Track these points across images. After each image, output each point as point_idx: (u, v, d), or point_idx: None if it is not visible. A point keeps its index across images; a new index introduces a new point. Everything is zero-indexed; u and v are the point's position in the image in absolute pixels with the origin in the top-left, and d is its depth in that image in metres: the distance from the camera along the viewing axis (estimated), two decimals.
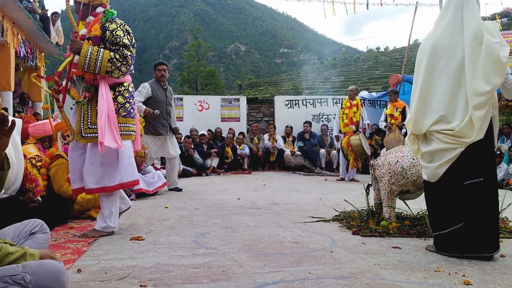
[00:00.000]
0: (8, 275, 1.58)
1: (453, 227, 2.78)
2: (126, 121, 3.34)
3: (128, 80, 3.43)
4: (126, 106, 3.35)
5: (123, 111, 3.33)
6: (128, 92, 3.39)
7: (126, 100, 3.35)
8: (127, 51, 3.25)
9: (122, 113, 3.32)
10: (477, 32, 2.71)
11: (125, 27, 3.33)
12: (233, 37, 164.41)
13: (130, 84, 3.45)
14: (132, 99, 3.44)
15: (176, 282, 2.23)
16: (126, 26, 3.36)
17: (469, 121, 2.69)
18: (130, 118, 3.38)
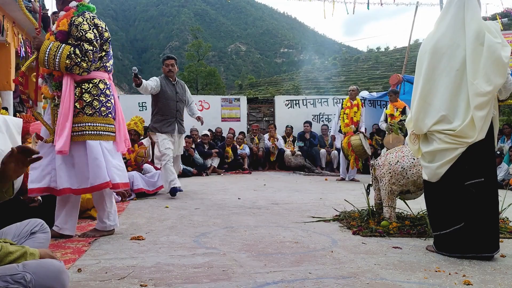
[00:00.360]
0: (9, 274, 1.58)
1: (453, 227, 2.78)
2: (93, 120, 3.14)
3: (99, 77, 3.21)
4: (94, 104, 3.15)
5: (90, 110, 3.13)
6: (98, 89, 3.18)
7: (94, 98, 3.15)
8: (88, 46, 3.04)
9: (87, 111, 3.12)
10: (478, 32, 2.70)
11: (93, 21, 3.13)
12: (234, 37, 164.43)
13: (102, 80, 3.22)
14: (106, 97, 3.23)
15: (176, 282, 2.23)
16: (95, 20, 3.16)
17: (471, 121, 2.69)
18: (101, 117, 3.17)
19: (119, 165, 3.28)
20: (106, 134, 3.21)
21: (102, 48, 3.22)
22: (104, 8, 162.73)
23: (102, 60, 3.24)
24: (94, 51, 3.09)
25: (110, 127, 3.25)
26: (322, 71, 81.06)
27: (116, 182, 3.18)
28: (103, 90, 3.22)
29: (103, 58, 3.24)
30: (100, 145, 3.14)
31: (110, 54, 3.33)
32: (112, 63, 3.39)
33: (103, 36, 3.20)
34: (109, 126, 3.24)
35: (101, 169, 3.08)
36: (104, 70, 3.27)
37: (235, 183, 7.60)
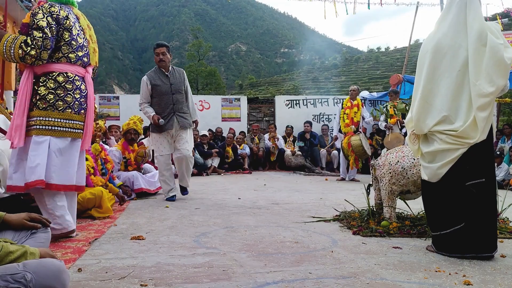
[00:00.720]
0: (9, 273, 1.58)
1: (454, 228, 2.78)
2: (45, 115, 2.98)
3: (58, 69, 3.05)
4: (48, 98, 2.99)
5: (43, 103, 2.98)
6: (55, 83, 3.01)
7: (49, 91, 3.00)
8: (37, 33, 2.88)
9: (40, 105, 2.98)
10: (481, 32, 2.70)
11: (49, 9, 2.97)
12: (234, 37, 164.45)
13: (62, 73, 3.05)
14: (66, 90, 3.04)
15: (176, 282, 2.23)
16: (53, 8, 2.99)
17: (473, 122, 2.68)
18: (55, 112, 3.00)
19: (66, 165, 3.04)
20: (61, 130, 3.03)
21: (62, 38, 3.03)
22: (104, 8, 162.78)
23: (61, 50, 3.04)
24: (44, 38, 2.89)
25: (69, 123, 3.06)
26: (322, 71, 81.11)
27: (52, 182, 2.96)
28: (62, 84, 3.04)
29: (62, 47, 3.04)
30: (50, 141, 2.98)
31: (80, 44, 3.13)
32: (83, 55, 3.16)
33: (61, 24, 3.01)
34: (67, 121, 3.05)
35: (38, 166, 2.90)
36: (66, 62, 3.07)
37: (235, 183, 7.60)
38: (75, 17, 3.18)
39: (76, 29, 3.13)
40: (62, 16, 3.03)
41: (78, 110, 3.11)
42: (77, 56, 3.13)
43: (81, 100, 3.13)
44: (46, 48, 2.92)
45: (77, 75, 3.12)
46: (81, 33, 3.19)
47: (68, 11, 3.11)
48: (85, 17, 3.34)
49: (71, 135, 3.08)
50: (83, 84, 3.17)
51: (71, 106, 3.07)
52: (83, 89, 3.16)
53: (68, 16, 3.07)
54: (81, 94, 3.14)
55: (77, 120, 3.11)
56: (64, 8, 3.09)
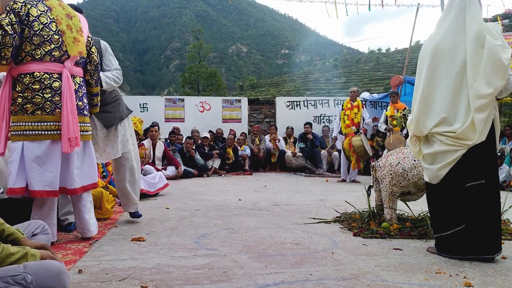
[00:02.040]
0: (10, 275, 1.58)
1: (454, 229, 2.78)
2: (17, 119, 2.87)
3: (25, 70, 2.88)
4: (18, 102, 2.87)
5: (14, 108, 2.89)
6: (22, 85, 2.87)
7: (18, 95, 2.87)
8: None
9: (13, 110, 2.90)
10: (479, 34, 2.70)
11: (12, 6, 2.83)
12: (235, 38, 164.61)
13: (28, 74, 2.87)
14: (33, 92, 2.86)
15: (177, 283, 2.23)
16: (16, 4, 2.84)
17: (471, 124, 2.68)
18: (26, 115, 2.87)
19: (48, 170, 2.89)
20: (34, 133, 2.87)
21: (23, 35, 2.83)
22: (105, 9, 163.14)
23: (23, 48, 2.86)
24: (3, 35, 2.70)
25: (43, 125, 2.88)
26: (323, 72, 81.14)
27: (34, 189, 2.84)
28: (29, 85, 2.86)
29: (23, 45, 2.85)
30: (23, 146, 2.85)
31: (46, 38, 2.89)
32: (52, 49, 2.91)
33: (22, 21, 2.83)
34: (40, 124, 2.88)
35: (10, 174, 2.84)
36: (32, 60, 2.88)
37: (236, 184, 7.60)
38: (45, 9, 2.93)
39: (41, 22, 2.88)
40: (23, 13, 2.83)
41: (52, 110, 2.90)
42: (44, 52, 2.89)
43: (53, 99, 2.90)
44: (6, 45, 2.73)
45: (46, 72, 2.90)
46: (51, 25, 2.92)
47: (34, 3, 2.90)
48: (65, 6, 3.11)
49: (47, 137, 2.89)
50: (57, 81, 2.93)
51: (42, 107, 2.88)
52: (56, 87, 2.91)
53: (30, 10, 2.85)
54: (53, 92, 2.90)
55: (52, 121, 2.91)
56: (29, 3, 2.88)
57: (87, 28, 3.24)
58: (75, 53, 3.03)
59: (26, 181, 2.86)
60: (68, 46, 2.98)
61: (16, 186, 2.83)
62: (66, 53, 2.98)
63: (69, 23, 3.03)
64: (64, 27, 2.99)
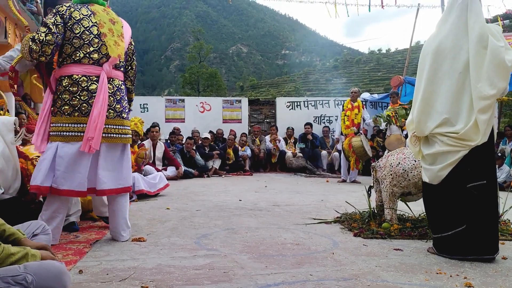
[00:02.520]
0: (10, 275, 1.58)
1: (455, 230, 2.77)
2: (56, 120, 2.98)
3: (65, 73, 2.98)
4: (57, 104, 2.98)
5: (54, 110, 3.00)
6: (62, 87, 2.97)
7: (57, 97, 2.98)
8: (42, 28, 2.85)
9: (53, 111, 3.01)
10: (482, 35, 2.70)
11: (58, 9, 2.96)
12: (235, 38, 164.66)
13: (68, 76, 2.96)
14: (71, 94, 2.95)
15: (177, 284, 2.23)
16: (62, 7, 2.97)
17: (474, 124, 2.68)
18: (63, 117, 2.96)
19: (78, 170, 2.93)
20: (70, 134, 2.95)
21: (64, 37, 2.94)
22: None
23: (64, 50, 2.98)
24: (47, 33, 2.83)
25: (79, 127, 2.95)
26: (323, 73, 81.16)
27: (62, 188, 2.88)
28: (67, 87, 2.96)
29: (65, 47, 2.97)
30: (58, 147, 2.93)
31: (86, 41, 2.98)
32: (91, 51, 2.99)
33: (66, 23, 2.94)
34: (76, 126, 2.95)
35: (39, 172, 2.89)
36: (72, 63, 2.98)
37: (236, 185, 7.60)
38: (88, 13, 3.04)
39: (83, 25, 2.99)
40: (67, 15, 2.96)
41: (87, 112, 2.96)
42: (83, 54, 2.98)
43: (90, 101, 2.97)
44: (49, 42, 2.84)
45: (84, 75, 2.98)
46: (93, 28, 3.02)
47: (77, 8, 3.03)
48: (110, 12, 3.21)
49: (80, 139, 2.94)
50: (95, 84, 2.99)
51: (78, 109, 2.96)
52: (93, 89, 2.98)
53: (73, 13, 2.98)
54: (90, 95, 2.97)
55: (84, 124, 2.97)
56: (73, 6, 3.02)
57: (129, 35, 3.35)
58: (115, 55, 3.10)
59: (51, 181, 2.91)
60: (109, 48, 3.07)
61: (43, 184, 2.88)
62: (105, 56, 3.06)
63: (111, 28, 3.15)
64: (106, 30, 3.10)
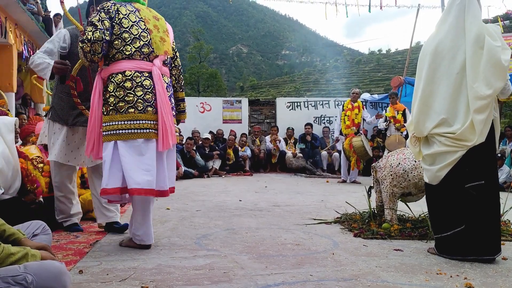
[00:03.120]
0: (10, 275, 1.58)
1: (454, 230, 2.77)
2: (109, 119, 2.86)
3: (116, 69, 2.89)
4: (110, 102, 2.86)
5: (106, 108, 2.89)
6: (114, 84, 2.86)
7: (110, 94, 2.87)
8: (89, 28, 2.80)
9: (105, 110, 2.89)
10: (478, 35, 2.70)
11: (102, 6, 2.90)
12: (235, 39, 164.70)
13: (120, 72, 2.88)
14: (124, 90, 2.85)
15: (177, 284, 2.23)
16: (106, 4, 2.91)
17: (470, 125, 2.68)
18: (118, 114, 2.85)
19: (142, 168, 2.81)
20: (127, 132, 2.83)
21: (113, 32, 2.86)
22: None
23: (114, 46, 2.87)
24: (94, 30, 2.77)
25: (135, 124, 2.84)
26: (323, 73, 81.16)
27: (132, 187, 2.77)
28: (120, 84, 2.85)
29: (115, 42, 2.87)
30: (116, 146, 2.83)
31: (135, 35, 2.90)
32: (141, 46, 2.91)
33: (113, 18, 2.87)
34: (132, 122, 2.84)
35: (104, 173, 2.83)
36: (122, 58, 2.89)
37: (237, 185, 7.60)
38: (133, 9, 2.99)
39: (130, 20, 2.92)
40: (113, 10, 2.89)
41: (143, 108, 2.86)
42: (134, 49, 2.89)
43: (145, 97, 2.87)
44: (97, 39, 2.77)
45: (137, 71, 2.89)
46: (140, 23, 2.95)
47: (122, 4, 2.97)
48: (152, 10, 3.18)
49: (140, 136, 2.84)
50: (148, 79, 2.90)
51: (134, 106, 2.85)
52: (148, 85, 2.89)
53: (119, 9, 2.91)
54: (145, 90, 2.88)
55: (145, 119, 2.86)
56: (118, 4, 2.96)
57: (172, 34, 3.28)
58: (162, 52, 3.02)
59: (121, 181, 2.82)
60: (155, 45, 2.99)
61: (110, 186, 2.80)
62: (153, 51, 2.98)
63: (156, 24, 3.07)
64: (152, 27, 3.03)
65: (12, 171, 3.22)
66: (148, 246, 2.96)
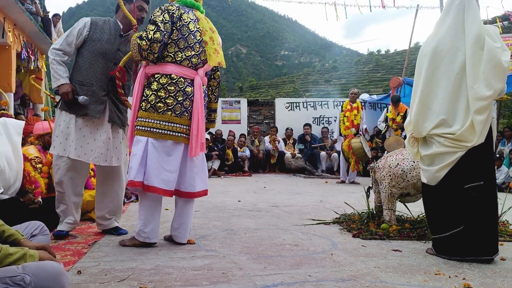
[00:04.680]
0: (8, 276, 1.58)
1: (453, 230, 2.78)
2: (147, 116, 2.96)
3: (163, 71, 2.97)
4: (150, 99, 2.95)
5: (145, 105, 2.97)
6: (158, 84, 2.95)
7: (152, 92, 2.96)
8: (151, 26, 2.88)
9: (143, 106, 2.98)
10: (478, 36, 2.70)
11: (167, 7, 2.98)
12: (234, 39, 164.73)
13: (166, 74, 2.96)
14: (167, 92, 2.94)
15: (176, 284, 2.22)
16: (172, 6, 2.99)
17: (470, 125, 2.69)
18: (155, 114, 2.94)
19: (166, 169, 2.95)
20: (160, 132, 2.94)
21: (171, 36, 2.96)
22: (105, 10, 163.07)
23: (167, 48, 2.97)
24: (156, 30, 2.87)
25: (169, 126, 2.95)
26: (322, 74, 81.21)
27: (150, 184, 2.91)
28: (164, 85, 2.95)
29: (169, 45, 2.97)
30: (148, 142, 2.95)
31: (190, 44, 3.01)
32: (192, 56, 3.02)
33: (174, 22, 2.96)
34: (167, 124, 2.95)
35: (131, 168, 2.93)
36: (172, 62, 2.99)
37: (236, 186, 7.60)
38: (194, 18, 3.09)
39: (189, 29, 3.02)
40: (176, 15, 2.98)
41: (180, 113, 2.98)
42: (184, 56, 3.00)
43: (184, 103, 2.99)
44: (157, 40, 2.87)
45: (182, 77, 3.00)
46: (196, 33, 3.06)
47: (186, 11, 3.06)
48: (209, 21, 3.25)
49: (171, 138, 2.97)
50: (190, 86, 3.01)
51: (172, 109, 2.96)
52: (189, 92, 3.00)
53: (182, 16, 3.00)
54: (185, 96, 2.99)
55: (179, 123, 2.98)
56: (182, 8, 3.05)
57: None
58: (215, 63, 3.13)
59: (143, 176, 2.94)
60: (209, 57, 3.10)
61: (137, 179, 2.92)
62: (202, 62, 3.09)
63: (212, 36, 3.16)
64: (208, 38, 3.13)
65: (14, 172, 3.23)
66: (153, 244, 3.04)
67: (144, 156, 2.95)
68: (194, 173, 3.11)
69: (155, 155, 2.94)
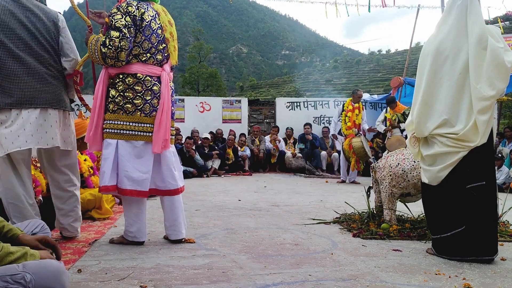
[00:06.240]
0: (9, 274, 1.58)
1: (454, 231, 2.77)
2: (115, 118, 2.91)
3: (129, 71, 2.91)
4: (118, 100, 2.89)
5: (113, 106, 2.91)
6: (124, 84, 2.89)
7: (118, 93, 2.90)
8: (114, 33, 2.78)
9: (111, 108, 2.92)
10: (481, 36, 2.70)
11: (127, 9, 2.84)
12: (235, 39, 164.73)
13: (132, 74, 2.91)
14: (134, 92, 2.90)
15: (176, 283, 2.23)
16: (131, 7, 2.85)
17: (474, 125, 2.68)
18: (124, 115, 2.90)
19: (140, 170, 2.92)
20: (131, 133, 2.91)
21: (134, 40, 2.89)
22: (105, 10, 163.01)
23: (132, 52, 2.91)
24: (121, 38, 2.78)
25: (140, 126, 2.92)
26: (323, 74, 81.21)
27: (124, 188, 2.90)
28: (131, 85, 2.90)
29: (133, 49, 2.91)
30: (118, 145, 2.91)
31: (154, 44, 2.95)
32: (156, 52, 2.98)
33: (137, 25, 2.88)
34: (137, 125, 2.92)
35: (104, 173, 2.88)
36: (137, 62, 2.93)
37: (236, 185, 7.60)
38: (154, 14, 2.99)
39: (152, 28, 2.95)
40: (138, 17, 2.88)
41: (149, 112, 2.95)
42: (149, 55, 2.96)
43: (152, 101, 2.96)
44: (123, 48, 2.81)
45: (148, 75, 2.96)
46: (158, 31, 3.00)
47: (145, 7, 2.95)
48: (167, 12, 3.15)
49: (141, 138, 2.94)
50: (157, 84, 2.98)
51: (141, 109, 2.93)
52: (156, 90, 2.97)
53: (144, 15, 2.91)
54: (153, 95, 2.96)
55: (149, 123, 2.95)
56: (141, 7, 2.93)
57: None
58: (174, 62, 3.14)
59: (116, 180, 2.92)
60: (170, 54, 3.09)
61: (110, 183, 2.89)
62: (166, 57, 3.07)
63: (171, 31, 3.13)
64: (168, 35, 3.08)
65: None
66: (141, 243, 3.04)
67: (115, 160, 2.91)
68: (172, 170, 3.10)
69: (126, 157, 2.91)
